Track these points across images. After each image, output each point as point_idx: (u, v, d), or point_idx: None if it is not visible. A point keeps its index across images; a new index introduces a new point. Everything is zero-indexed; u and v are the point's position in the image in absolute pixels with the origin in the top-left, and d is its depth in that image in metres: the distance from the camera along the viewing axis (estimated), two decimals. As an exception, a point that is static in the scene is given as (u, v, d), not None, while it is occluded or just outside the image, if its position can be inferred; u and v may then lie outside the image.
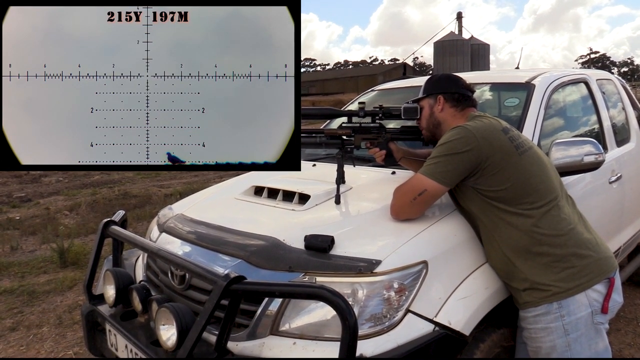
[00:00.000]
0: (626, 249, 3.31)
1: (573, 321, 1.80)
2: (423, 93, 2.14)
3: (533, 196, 1.84)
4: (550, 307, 1.80)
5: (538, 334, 1.84)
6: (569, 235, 1.85)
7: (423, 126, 2.14)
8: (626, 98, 3.64)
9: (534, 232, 1.82)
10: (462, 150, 1.81)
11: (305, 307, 1.69)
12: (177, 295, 1.97)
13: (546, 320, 1.81)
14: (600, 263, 1.87)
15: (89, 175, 11.85)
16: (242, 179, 2.85)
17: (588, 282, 1.82)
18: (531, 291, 1.83)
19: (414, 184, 1.87)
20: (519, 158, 1.84)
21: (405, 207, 1.88)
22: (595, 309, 1.83)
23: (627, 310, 3.70)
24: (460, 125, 1.89)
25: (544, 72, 2.83)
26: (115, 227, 2.24)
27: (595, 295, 1.83)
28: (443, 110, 2.07)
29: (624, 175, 3.01)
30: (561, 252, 1.82)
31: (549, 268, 1.82)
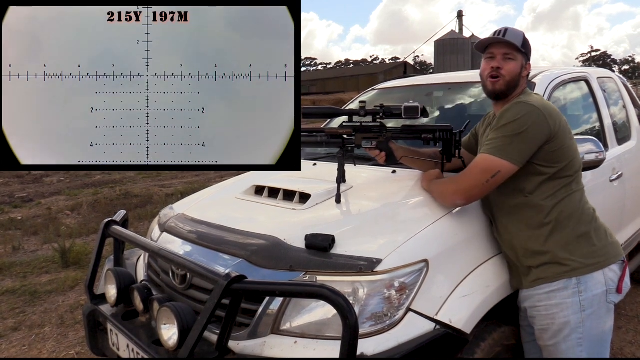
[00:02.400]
0: (627, 247, 3.30)
1: (589, 298, 1.84)
2: (521, 47, 1.94)
3: (578, 175, 1.95)
4: (569, 283, 1.84)
5: (551, 310, 1.86)
6: (592, 215, 1.95)
7: (506, 78, 1.94)
8: (627, 96, 3.63)
9: (578, 207, 1.90)
10: (532, 127, 1.80)
11: (306, 306, 1.69)
12: (179, 295, 1.98)
13: (563, 295, 1.84)
14: (615, 246, 1.96)
15: (90, 175, 11.86)
16: (243, 178, 2.85)
17: (606, 261, 1.88)
18: (549, 266, 1.86)
19: (486, 165, 1.83)
20: (573, 137, 1.94)
21: (477, 189, 1.85)
22: (610, 288, 1.88)
23: (628, 308, 3.70)
24: (524, 102, 1.87)
25: (544, 70, 2.82)
26: (116, 227, 2.24)
27: (611, 275, 1.88)
28: (524, 79, 2.00)
29: (625, 174, 3.00)
30: (585, 230, 1.89)
31: (572, 244, 1.87)
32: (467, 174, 1.89)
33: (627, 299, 3.81)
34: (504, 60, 1.94)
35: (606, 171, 2.80)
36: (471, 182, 1.86)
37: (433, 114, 3.08)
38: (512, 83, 1.95)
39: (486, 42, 1.98)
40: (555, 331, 1.86)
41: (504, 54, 1.94)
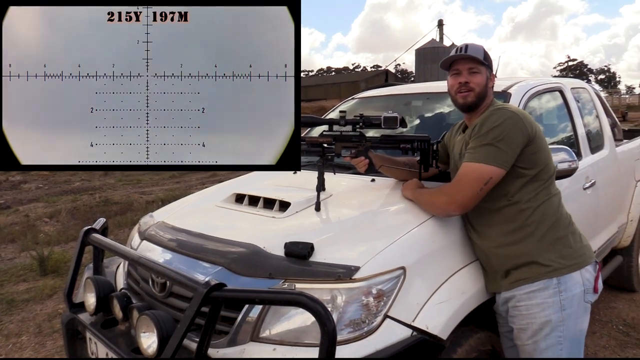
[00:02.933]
0: (601, 254, 3.38)
1: (569, 297, 1.90)
2: (484, 60, 2.01)
3: (553, 179, 2.04)
4: (550, 283, 1.90)
5: (531, 309, 1.91)
6: (569, 219, 2.04)
7: (475, 90, 2.00)
8: (600, 106, 3.73)
9: (557, 210, 1.99)
10: (513, 131, 1.87)
11: (285, 313, 1.71)
12: (158, 303, 1.98)
13: (544, 295, 1.89)
14: (589, 248, 2.05)
15: (69, 181, 11.72)
16: (224, 186, 2.87)
17: (583, 261, 1.96)
18: (530, 267, 1.92)
19: (477, 174, 1.86)
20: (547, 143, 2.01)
21: (472, 198, 1.88)
22: (587, 288, 1.95)
23: (602, 313, 3.78)
24: (501, 108, 1.95)
25: (520, 80, 2.89)
26: (95, 235, 2.24)
27: (587, 275, 1.96)
28: (490, 89, 2.07)
29: (597, 182, 3.08)
30: (564, 232, 1.97)
31: (552, 245, 1.93)
32: (459, 184, 1.90)
33: (602, 304, 3.90)
34: (470, 74, 2.01)
35: (580, 179, 2.87)
36: (466, 192, 1.88)
37: (412, 123, 3.13)
38: (482, 94, 2.02)
39: (450, 60, 2.05)
40: (536, 330, 1.91)
41: (469, 68, 2.02)
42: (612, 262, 3.75)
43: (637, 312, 3.79)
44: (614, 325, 3.59)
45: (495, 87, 2.78)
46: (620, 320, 3.66)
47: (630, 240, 3.82)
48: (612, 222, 3.48)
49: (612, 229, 3.48)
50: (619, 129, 4.34)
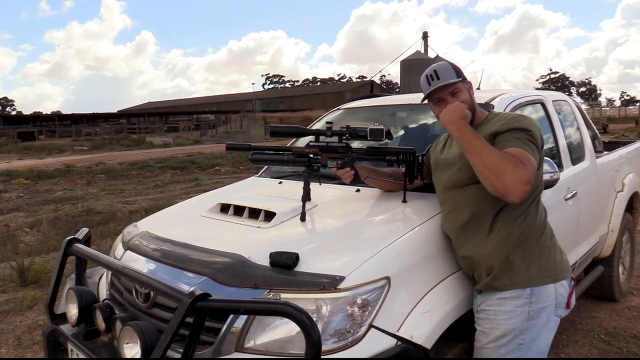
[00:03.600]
0: (582, 264, 3.43)
1: (538, 309, 1.90)
2: (457, 77, 1.99)
3: (542, 189, 2.04)
4: (523, 292, 1.90)
5: (498, 316, 1.91)
6: (552, 230, 2.05)
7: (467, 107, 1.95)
8: (580, 118, 3.80)
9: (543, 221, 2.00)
10: (540, 138, 1.92)
11: (270, 323, 1.70)
12: (142, 314, 1.96)
13: (514, 303, 1.90)
14: (566, 263, 2.05)
15: (50, 191, 11.59)
16: (209, 196, 2.86)
17: (560, 275, 1.96)
18: (507, 274, 1.91)
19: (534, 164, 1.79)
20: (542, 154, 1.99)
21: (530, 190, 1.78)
22: (558, 302, 1.95)
23: (584, 322, 3.83)
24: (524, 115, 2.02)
25: (502, 93, 2.93)
26: (78, 245, 2.22)
27: (561, 290, 1.96)
28: (472, 96, 2.06)
29: (579, 193, 3.13)
30: (547, 243, 1.98)
31: (533, 255, 1.93)
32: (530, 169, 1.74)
33: (583, 314, 3.95)
34: (454, 96, 1.99)
35: (561, 190, 2.92)
36: (532, 180, 1.75)
37: (397, 134, 3.16)
38: (472, 107, 2.02)
39: (429, 92, 2.02)
40: (498, 336, 1.91)
41: (450, 92, 2.00)
42: (594, 272, 3.79)
43: (618, 321, 3.84)
44: (596, 335, 3.63)
45: (479, 99, 2.82)
46: (602, 330, 3.70)
47: (611, 250, 3.88)
48: (593, 233, 3.53)
49: (594, 239, 3.53)
50: (599, 140, 4.42)
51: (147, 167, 16.23)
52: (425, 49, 40.52)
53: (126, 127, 49.10)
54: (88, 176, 14.51)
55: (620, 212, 3.92)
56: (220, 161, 17.60)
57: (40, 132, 43.79)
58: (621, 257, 4.21)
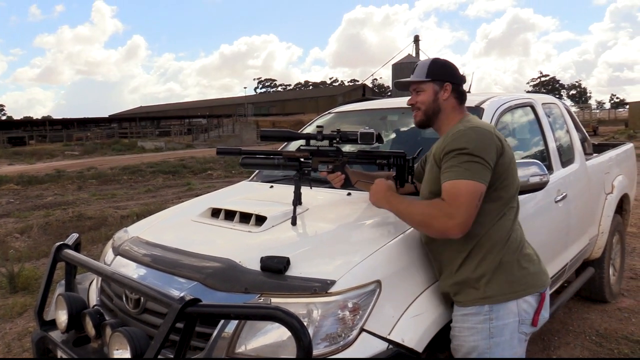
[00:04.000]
0: (573, 265, 3.45)
1: (500, 326, 1.86)
2: (427, 76, 2.02)
3: (513, 199, 1.95)
4: (482, 309, 1.86)
5: (462, 332, 1.89)
6: (519, 243, 1.94)
7: (421, 109, 2.03)
8: (570, 121, 3.82)
9: (506, 235, 1.90)
10: (490, 149, 1.82)
11: (262, 328, 1.70)
12: (132, 320, 1.95)
13: (474, 320, 1.86)
14: (536, 276, 1.95)
15: (41, 196, 11.51)
16: (200, 200, 2.85)
17: (522, 292, 1.89)
18: (467, 290, 1.88)
19: (471, 190, 1.76)
20: (513, 164, 1.94)
21: (472, 217, 1.78)
22: (522, 319, 1.88)
23: (575, 324, 3.84)
24: (474, 125, 1.90)
25: (492, 96, 2.95)
26: (68, 251, 2.20)
27: (525, 306, 1.89)
28: (447, 100, 2.02)
29: (569, 195, 3.15)
30: (508, 259, 1.89)
31: (492, 271, 1.87)
32: (457, 202, 1.76)
33: (575, 315, 3.97)
34: (417, 94, 2.06)
35: (551, 192, 2.93)
36: (467, 210, 1.76)
37: (388, 137, 3.17)
38: (430, 111, 2.03)
39: (402, 85, 2.13)
40: (465, 353, 1.88)
41: (414, 89, 2.08)
42: (584, 274, 3.81)
43: (609, 322, 3.86)
44: (587, 336, 3.65)
45: (469, 102, 2.83)
46: (593, 331, 3.72)
47: (602, 252, 3.90)
48: (584, 235, 3.55)
49: (584, 241, 3.55)
50: (589, 143, 4.45)
51: (139, 172, 16.16)
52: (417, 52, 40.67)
53: (118, 132, 48.93)
54: (79, 181, 14.42)
55: (610, 213, 3.95)
56: (213, 165, 17.55)
57: (31, 137, 43.55)
58: (611, 258, 4.23)
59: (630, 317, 3.95)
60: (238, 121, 46.65)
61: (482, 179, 1.78)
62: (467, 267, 1.89)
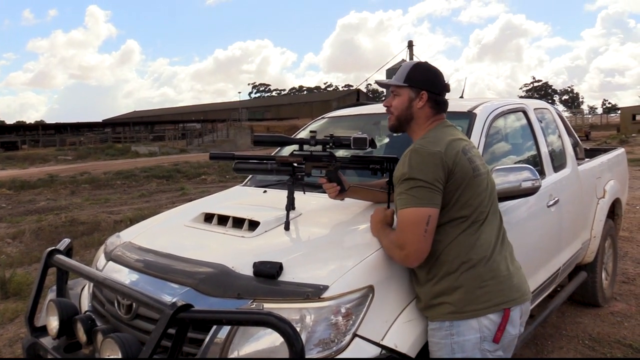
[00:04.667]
0: (565, 270, 3.46)
1: (460, 342, 1.83)
2: (404, 81, 1.99)
3: (478, 213, 1.88)
4: (443, 324, 1.84)
5: (432, 347, 1.88)
6: (482, 258, 1.87)
7: (394, 114, 2.03)
8: (562, 126, 3.85)
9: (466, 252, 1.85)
10: (434, 170, 1.79)
11: (254, 334, 1.69)
12: (124, 325, 1.94)
13: (438, 335, 1.85)
14: (499, 294, 1.87)
15: (34, 201, 11.45)
16: (192, 205, 2.84)
17: (483, 310, 1.84)
18: (432, 305, 1.87)
19: (414, 218, 1.77)
20: (473, 180, 1.87)
21: (422, 243, 1.78)
22: (484, 335, 1.84)
23: (569, 328, 3.85)
24: (422, 147, 1.85)
25: (484, 101, 2.96)
26: (59, 256, 2.19)
27: (486, 323, 1.84)
28: (422, 109, 1.99)
29: (561, 199, 3.16)
30: (465, 276, 1.84)
31: (452, 288, 1.84)
32: (403, 234, 1.80)
33: (568, 319, 3.98)
34: (393, 97, 2.05)
35: (544, 197, 2.95)
36: (413, 239, 1.78)
37: (382, 142, 3.18)
38: (402, 117, 2.02)
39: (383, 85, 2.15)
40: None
41: (392, 92, 2.05)
42: (577, 278, 3.83)
43: (602, 326, 3.87)
44: (580, 340, 3.66)
45: (461, 107, 2.86)
46: (586, 335, 3.73)
47: (594, 256, 3.92)
48: (576, 239, 3.57)
49: (576, 246, 3.57)
50: (581, 148, 4.48)
51: (133, 177, 16.11)
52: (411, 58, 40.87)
53: (111, 137, 48.77)
54: (72, 186, 14.36)
55: (602, 218, 3.97)
56: (207, 170, 17.52)
57: (24, 142, 43.34)
58: (604, 262, 4.25)
59: (623, 321, 3.96)
60: (232, 126, 46.66)
61: (428, 202, 1.77)
62: (428, 284, 1.87)
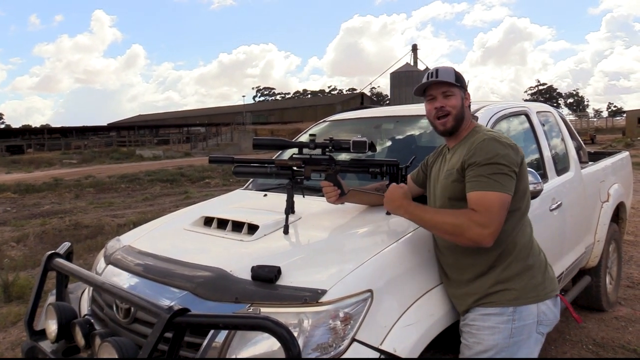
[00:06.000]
0: (569, 274, 3.43)
1: (520, 327, 1.91)
2: (456, 81, 2.02)
3: (529, 207, 2.05)
4: (506, 310, 1.91)
5: (482, 331, 1.91)
6: (538, 248, 2.05)
7: (452, 113, 2.01)
8: (565, 129, 3.82)
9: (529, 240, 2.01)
10: (514, 160, 1.88)
11: (252, 338, 1.68)
12: (122, 329, 1.93)
13: (497, 320, 1.90)
14: (552, 281, 2.05)
15: (38, 204, 11.49)
16: (192, 209, 2.84)
17: (544, 295, 1.97)
18: (491, 292, 1.93)
19: (501, 202, 1.82)
20: (525, 172, 2.00)
21: (500, 228, 1.83)
22: (540, 320, 1.95)
23: (572, 333, 3.82)
24: (495, 136, 1.93)
25: (487, 104, 2.95)
26: (59, 260, 2.19)
27: (544, 308, 1.96)
28: (467, 108, 2.07)
29: (564, 203, 3.14)
30: (531, 262, 1.98)
31: (517, 275, 1.94)
32: (491, 214, 1.80)
33: (572, 324, 3.95)
34: (445, 98, 2.02)
35: (546, 201, 2.93)
36: (499, 221, 1.81)
37: (383, 145, 3.17)
38: (459, 116, 2.02)
39: (423, 86, 2.05)
40: (480, 351, 1.91)
41: (443, 92, 2.02)
42: (581, 283, 3.80)
43: (606, 331, 3.84)
44: (584, 345, 3.63)
45: (463, 110, 2.84)
46: (590, 340, 3.70)
47: (598, 260, 3.89)
48: (580, 243, 3.54)
49: (580, 250, 3.54)
50: (584, 151, 4.45)
51: (137, 180, 16.15)
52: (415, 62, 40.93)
53: (116, 140, 48.98)
54: (76, 189, 14.40)
55: (606, 222, 3.94)
56: (211, 174, 17.55)
57: (29, 146, 43.58)
58: (608, 267, 4.23)
59: (627, 326, 3.93)
60: (236, 129, 46.75)
61: (509, 190, 1.85)
62: (494, 272, 1.94)
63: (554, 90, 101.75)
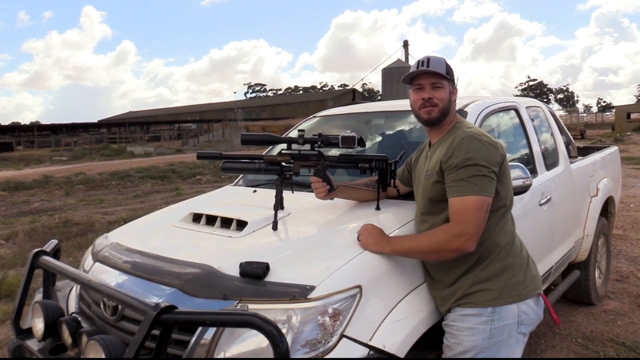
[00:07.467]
0: (558, 268, 3.45)
1: (500, 327, 1.89)
2: (446, 73, 1.98)
3: (511, 204, 2.02)
4: (485, 311, 1.89)
5: (461, 332, 1.90)
6: (520, 246, 2.02)
7: (439, 106, 1.97)
8: (554, 124, 3.84)
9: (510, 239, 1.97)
10: (495, 160, 1.85)
11: (240, 335, 1.67)
12: (110, 327, 1.92)
13: (475, 321, 1.88)
14: (534, 279, 2.01)
15: (28, 202, 11.39)
16: (181, 205, 2.82)
17: (524, 295, 1.93)
18: (470, 293, 1.90)
19: (477, 205, 1.80)
20: (507, 169, 1.97)
21: (481, 229, 1.83)
22: (521, 320, 1.92)
23: (562, 327, 3.84)
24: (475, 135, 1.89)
25: (476, 99, 2.95)
26: (45, 258, 2.16)
27: (524, 308, 1.93)
28: (454, 102, 2.04)
29: (553, 198, 3.15)
30: (511, 262, 1.94)
31: (495, 275, 1.91)
32: (465, 219, 1.80)
33: (561, 318, 3.97)
34: (434, 89, 1.98)
35: (536, 195, 2.93)
36: (476, 224, 1.80)
37: (373, 140, 3.16)
38: (445, 109, 1.99)
39: (412, 74, 2.01)
40: (460, 352, 1.90)
41: (432, 83, 1.98)
42: (570, 277, 3.82)
43: (595, 325, 3.87)
44: (573, 339, 3.65)
45: (452, 105, 2.84)
46: (579, 334, 3.72)
47: (587, 254, 3.91)
48: (569, 237, 3.56)
49: (569, 244, 3.56)
50: (574, 146, 4.48)
51: (128, 177, 16.05)
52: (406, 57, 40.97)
53: (107, 137, 48.66)
54: (67, 187, 14.29)
55: (595, 216, 3.96)
56: (202, 170, 17.46)
57: (19, 143, 43.19)
58: (597, 261, 4.25)
59: (616, 319, 3.96)
60: (228, 126, 46.58)
61: (488, 191, 1.83)
62: (472, 272, 1.92)
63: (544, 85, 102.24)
